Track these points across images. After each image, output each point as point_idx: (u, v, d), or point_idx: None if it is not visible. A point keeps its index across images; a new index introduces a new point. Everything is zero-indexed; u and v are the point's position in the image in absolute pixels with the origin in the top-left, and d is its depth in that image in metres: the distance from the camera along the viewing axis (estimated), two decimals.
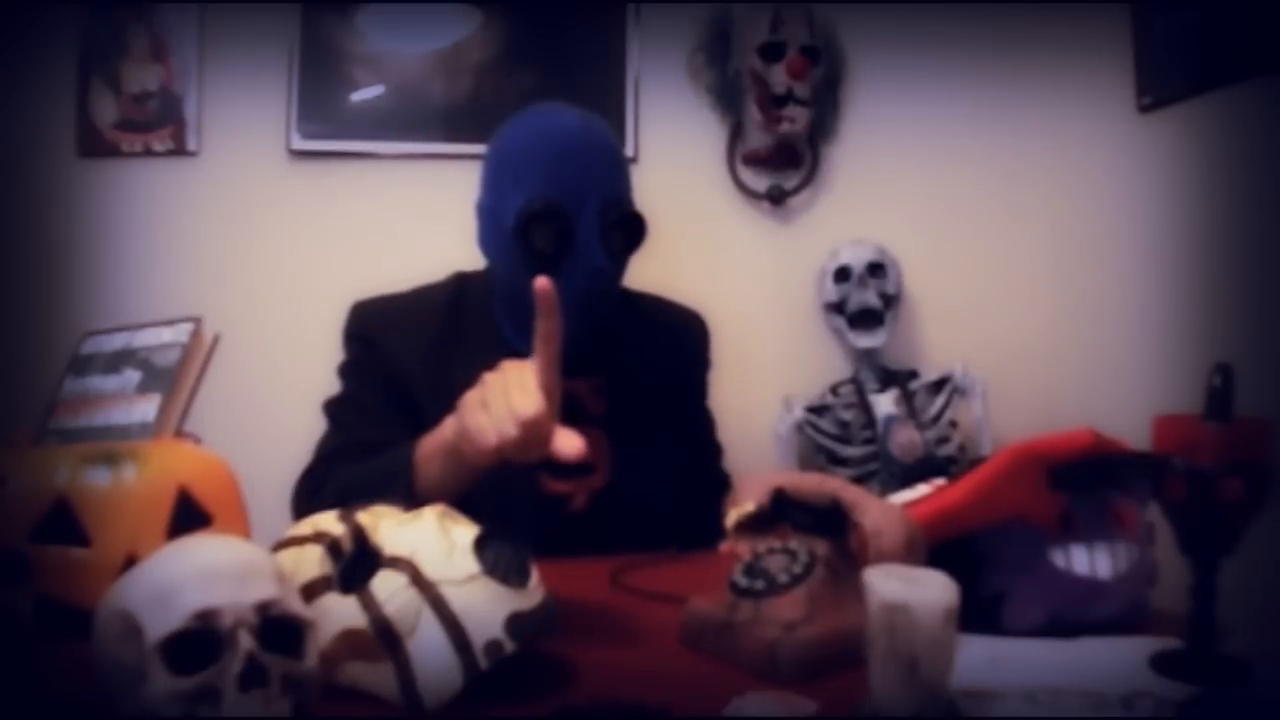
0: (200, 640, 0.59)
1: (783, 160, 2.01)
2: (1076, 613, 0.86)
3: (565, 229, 1.23)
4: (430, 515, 0.79)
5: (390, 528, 0.78)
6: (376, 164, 1.93)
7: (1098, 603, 0.87)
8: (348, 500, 1.10)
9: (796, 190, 2.02)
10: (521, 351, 1.31)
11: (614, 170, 1.29)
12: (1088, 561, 0.87)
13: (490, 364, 1.26)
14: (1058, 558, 0.87)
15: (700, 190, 2.02)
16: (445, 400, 1.22)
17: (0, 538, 0.85)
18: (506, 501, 1.25)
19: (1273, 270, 1.53)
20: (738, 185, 2.01)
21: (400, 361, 1.34)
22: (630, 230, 1.29)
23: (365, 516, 0.80)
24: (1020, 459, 0.88)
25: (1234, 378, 0.76)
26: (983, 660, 0.78)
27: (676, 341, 1.49)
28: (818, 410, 1.89)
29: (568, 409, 1.32)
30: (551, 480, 1.33)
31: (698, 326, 1.53)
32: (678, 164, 2.00)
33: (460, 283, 1.43)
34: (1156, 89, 1.80)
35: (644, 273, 1.51)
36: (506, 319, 1.35)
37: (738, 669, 0.80)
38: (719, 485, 1.48)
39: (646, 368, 1.41)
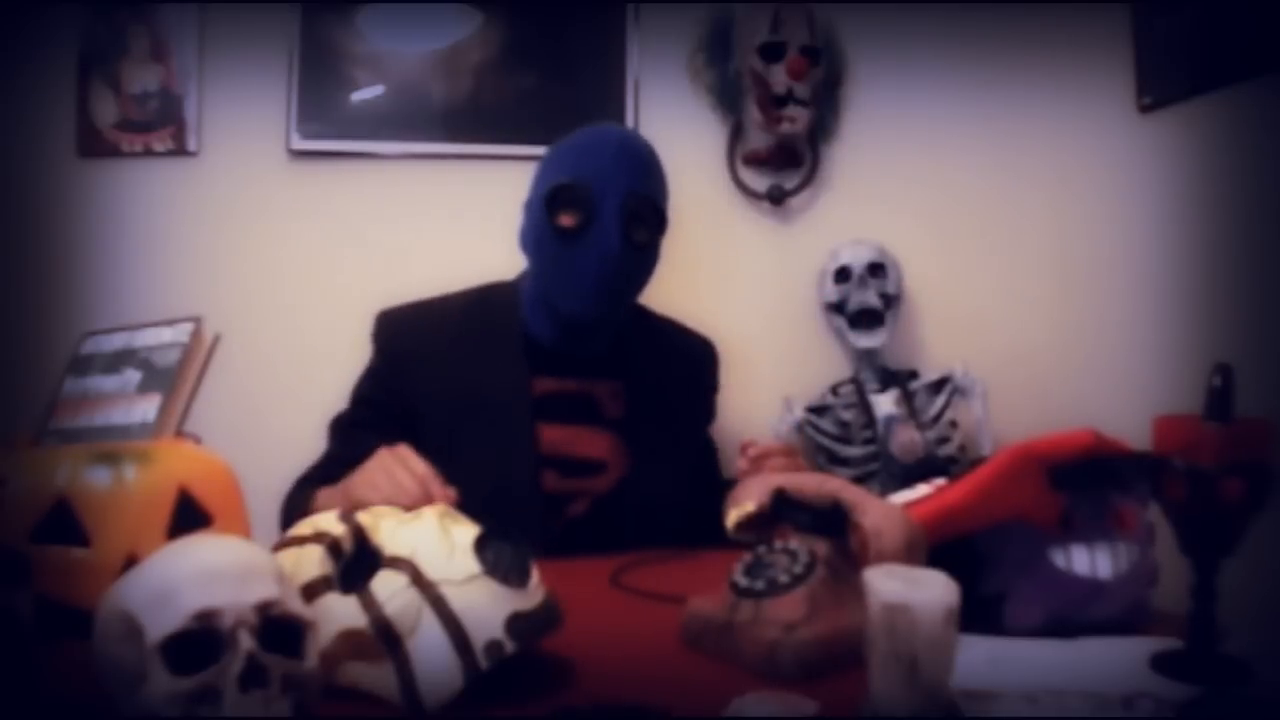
0: (200, 641, 0.59)
1: (783, 160, 2.01)
2: (1077, 613, 0.86)
3: (587, 207, 1.32)
4: (430, 515, 0.79)
5: (390, 528, 0.78)
6: (376, 164, 1.93)
7: (1098, 603, 0.87)
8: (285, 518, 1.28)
9: (796, 190, 2.02)
10: (549, 349, 1.40)
11: (645, 169, 1.39)
12: (1088, 562, 0.88)
13: (516, 367, 1.37)
14: (1058, 558, 0.88)
15: (700, 190, 2.01)
16: (466, 401, 1.34)
17: (0, 538, 0.85)
18: (509, 503, 1.27)
19: (1273, 270, 1.53)
20: (738, 185, 2.01)
21: (420, 369, 1.39)
22: (650, 223, 1.37)
23: (365, 516, 0.80)
24: (1021, 459, 0.88)
25: (1234, 378, 0.76)
26: (983, 660, 0.78)
27: (689, 363, 1.57)
28: (818, 410, 1.89)
29: (588, 409, 1.41)
30: (560, 479, 1.36)
31: (709, 352, 1.62)
32: (678, 164, 1.99)
33: (486, 293, 1.49)
34: (1156, 89, 1.80)
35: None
36: (536, 312, 1.41)
37: (738, 669, 0.80)
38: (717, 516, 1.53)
39: (662, 380, 1.48)
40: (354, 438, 1.38)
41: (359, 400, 1.42)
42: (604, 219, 1.32)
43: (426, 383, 1.38)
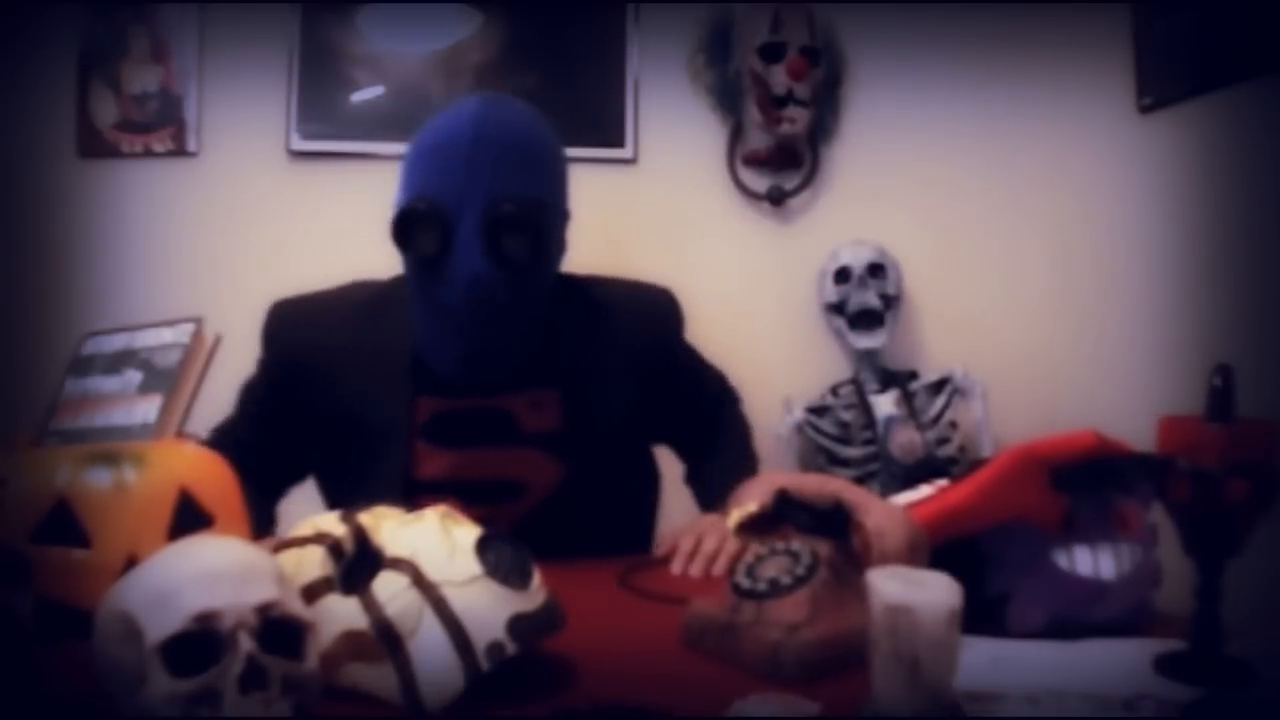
0: (200, 642, 0.59)
1: (783, 161, 2.01)
2: (1079, 614, 0.86)
3: (443, 229, 1.12)
4: (432, 516, 0.79)
5: (392, 529, 0.78)
6: (376, 164, 1.92)
7: (1101, 604, 0.87)
8: None
9: (796, 191, 2.02)
10: (427, 361, 1.20)
11: (510, 162, 1.14)
12: (1091, 562, 0.87)
13: (397, 388, 1.21)
14: (1061, 559, 0.87)
15: (700, 190, 2.02)
16: (345, 420, 1.22)
17: (0, 538, 0.85)
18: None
19: (1273, 270, 1.53)
20: (738, 186, 2.01)
21: (305, 366, 1.26)
22: (532, 226, 1.14)
23: (366, 517, 0.80)
24: (1022, 460, 0.88)
25: (1234, 378, 0.76)
26: (985, 662, 0.78)
27: (637, 329, 1.33)
28: (818, 411, 1.89)
29: (498, 427, 1.22)
30: (464, 507, 1.17)
31: (661, 305, 1.38)
32: (678, 164, 2.00)
33: (387, 289, 1.31)
34: (1156, 89, 1.80)
35: (644, 273, 1.51)
36: (418, 326, 1.22)
37: (740, 670, 0.80)
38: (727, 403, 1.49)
39: (604, 370, 1.28)
40: (251, 421, 1.29)
41: (251, 391, 1.31)
42: (462, 242, 1.11)
43: (310, 393, 1.24)
